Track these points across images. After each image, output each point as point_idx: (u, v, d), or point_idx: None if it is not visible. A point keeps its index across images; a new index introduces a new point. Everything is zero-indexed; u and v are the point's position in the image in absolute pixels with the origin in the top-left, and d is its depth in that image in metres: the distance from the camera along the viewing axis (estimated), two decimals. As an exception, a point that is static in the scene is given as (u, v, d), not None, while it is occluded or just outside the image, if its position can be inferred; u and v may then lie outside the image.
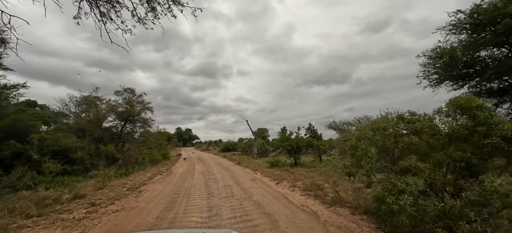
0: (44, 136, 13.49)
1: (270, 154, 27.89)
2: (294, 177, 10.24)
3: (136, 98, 25.58)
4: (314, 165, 16.84)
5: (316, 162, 19.12)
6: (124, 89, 24.80)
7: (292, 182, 8.83)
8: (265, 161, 20.68)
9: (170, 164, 18.37)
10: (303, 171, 12.87)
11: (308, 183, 8.29)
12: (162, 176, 11.72)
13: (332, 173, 11.50)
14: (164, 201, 6.35)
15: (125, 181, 10.16)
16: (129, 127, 25.55)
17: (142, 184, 9.15)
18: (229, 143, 46.94)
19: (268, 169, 13.69)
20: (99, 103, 23.08)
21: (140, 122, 25.79)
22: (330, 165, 16.27)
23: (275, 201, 5.97)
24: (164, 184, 9.38)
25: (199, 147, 70.10)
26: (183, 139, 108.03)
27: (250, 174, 11.51)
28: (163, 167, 15.99)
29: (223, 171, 13.29)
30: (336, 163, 18.16)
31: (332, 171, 12.58)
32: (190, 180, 10.05)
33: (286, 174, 11.43)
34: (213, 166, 16.09)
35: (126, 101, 23.75)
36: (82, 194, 7.13)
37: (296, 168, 14.26)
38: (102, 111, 23.60)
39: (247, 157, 26.52)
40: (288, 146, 16.16)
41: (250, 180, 9.70)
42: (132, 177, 11.15)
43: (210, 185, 8.73)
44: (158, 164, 17.60)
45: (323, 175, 11.46)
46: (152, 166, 16.32)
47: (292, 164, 16.49)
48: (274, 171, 12.72)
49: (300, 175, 11.05)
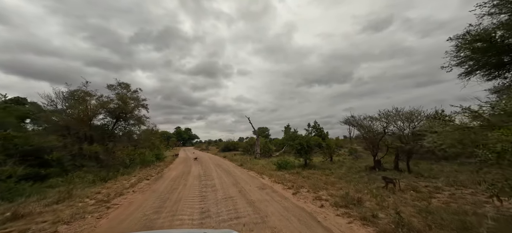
0: (11, 134, 11.39)
1: (273, 154, 25.81)
2: (312, 183, 8.15)
3: (131, 94, 23.56)
4: (326, 166, 14.77)
5: (327, 163, 17.05)
6: (118, 84, 22.78)
7: (313, 192, 6.74)
8: (270, 162, 18.61)
9: (163, 165, 16.28)
10: (318, 174, 10.80)
11: (337, 194, 6.21)
12: (149, 182, 9.64)
13: (355, 177, 9.42)
14: (137, 225, 4.29)
15: (100, 189, 8.09)
16: (122, 125, 23.65)
17: (118, 195, 7.06)
18: (230, 142, 44.86)
19: (276, 172, 11.61)
20: (88, 98, 21.10)
21: (134, 120, 23.85)
22: (344, 166, 14.20)
23: (305, 230, 3.88)
24: (147, 194, 7.29)
25: (198, 147, 68.05)
26: (183, 139, 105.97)
27: (256, 179, 9.43)
28: (155, 170, 13.91)
29: (224, 175, 11.20)
30: (351, 164, 16.09)
31: (351, 174, 10.52)
32: (181, 189, 7.96)
33: (299, 179, 9.35)
34: (212, 169, 14.01)
35: (118, 97, 21.72)
36: (25, 212, 5.06)
37: (308, 171, 12.18)
38: (91, 107, 21.66)
39: (249, 157, 24.44)
40: (297, 145, 14.08)
41: (257, 188, 7.61)
42: (111, 184, 9.07)
43: (206, 197, 6.65)
44: (151, 166, 15.52)
45: (343, 179, 9.40)
46: (142, 168, 14.25)
47: (301, 165, 14.43)
48: (283, 175, 10.65)
49: (318, 180, 8.97)
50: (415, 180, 8.58)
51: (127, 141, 20.67)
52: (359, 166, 14.03)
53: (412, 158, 10.22)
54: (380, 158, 11.50)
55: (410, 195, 6.44)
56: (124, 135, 22.29)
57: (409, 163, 10.17)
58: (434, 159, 13.25)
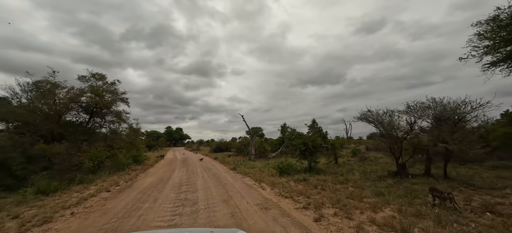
0: None
1: (269, 155, 23.54)
2: (332, 197, 5.89)
3: (108, 87, 20.70)
4: (334, 170, 12.60)
5: (332, 165, 14.91)
6: (92, 75, 19.90)
7: (345, 215, 4.46)
8: (267, 164, 16.29)
9: (141, 170, 13.65)
10: (330, 181, 8.54)
11: (384, 222, 3.95)
12: (110, 194, 7.11)
13: (380, 187, 7.15)
14: None
15: (29, 207, 5.53)
16: (97, 122, 20.77)
17: (42, 221, 4.55)
18: (222, 142, 42.24)
19: (278, 179, 9.31)
20: (57, 91, 18.16)
21: (112, 116, 21.01)
22: (356, 171, 12.05)
23: None
24: (91, 219, 4.78)
25: (189, 147, 64.96)
26: (174, 139, 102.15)
27: (255, 191, 7.08)
28: (128, 175, 11.30)
29: (212, 183, 8.78)
30: (361, 167, 13.99)
31: (372, 182, 8.33)
32: (146, 209, 5.49)
33: (311, 189, 7.08)
34: (198, 174, 11.55)
35: (91, 89, 18.85)
36: None
37: (316, 177, 9.96)
38: (59, 101, 18.73)
39: (243, 158, 22.05)
40: (301, 146, 11.82)
41: (258, 207, 5.26)
42: (53, 198, 6.48)
43: (180, 225, 4.25)
44: (125, 170, 12.88)
45: (368, 189, 7.22)
46: (113, 173, 11.61)
47: (305, 169, 12.20)
48: (288, 182, 8.34)
49: (335, 191, 6.73)
50: (467, 191, 6.45)
51: (103, 140, 17.89)
52: (373, 170, 11.93)
53: (450, 161, 8.13)
54: (405, 161, 9.39)
55: (488, 219, 4.27)
56: (101, 134, 19.47)
57: (447, 168, 8.07)
58: (458, 161, 11.32)
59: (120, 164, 13.08)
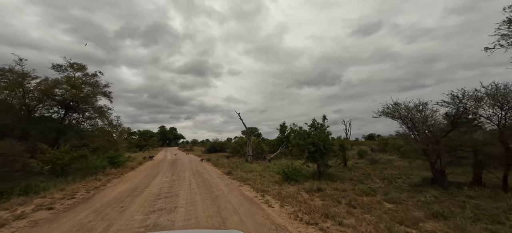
0: None
1: (268, 157, 21.54)
2: (377, 221, 3.93)
3: (88, 79, 18.34)
4: (346, 174, 10.71)
5: (342, 169, 13.00)
6: (70, 64, 17.50)
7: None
8: (267, 167, 14.27)
9: (118, 173, 11.40)
10: (350, 191, 6.61)
11: None
12: (51, 214, 4.96)
13: (423, 201, 5.18)
14: None
15: None
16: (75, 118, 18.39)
17: None
18: (217, 142, 40.02)
19: (285, 187, 7.31)
20: (26, 82, 15.79)
21: (93, 112, 18.66)
22: (374, 176, 10.17)
23: None
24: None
25: (182, 147, 62.44)
26: (168, 139, 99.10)
27: (259, 209, 5.05)
28: (99, 181, 9.11)
29: (200, 194, 6.70)
30: (375, 170, 12.13)
31: (404, 192, 6.43)
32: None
33: (335, 205, 5.11)
34: (185, 179, 9.44)
35: (66, 80, 16.49)
36: None
37: (329, 184, 8.03)
38: (28, 94, 16.35)
39: (239, 160, 19.99)
40: (310, 146, 9.85)
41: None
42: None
43: None
44: (97, 174, 10.64)
45: (397, 201, 5.32)
46: (82, 178, 9.40)
47: (313, 173, 10.27)
48: (300, 193, 6.35)
49: (372, 209, 4.77)
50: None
51: (77, 138, 15.55)
52: (394, 176, 10.05)
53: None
54: (444, 166, 7.49)
55: None
56: (78, 131, 17.09)
57: (507, 176, 6.18)
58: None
59: (91, 167, 10.85)
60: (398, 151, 22.90)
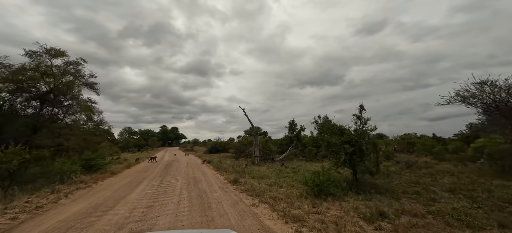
0: None
1: (276, 158, 18.82)
2: None
3: (66, 67, 15.77)
4: (387, 183, 8.04)
5: (377, 175, 10.24)
6: (46, 50, 14.90)
7: None
8: (280, 171, 11.57)
9: (92, 180, 8.77)
10: (423, 210, 3.94)
11: None
12: None
13: None
14: None
15: None
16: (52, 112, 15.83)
17: None
18: (218, 142, 37.38)
19: (320, 207, 4.61)
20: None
21: (76, 105, 16.13)
22: (440, 189, 7.45)
23: None
24: None
25: (184, 147, 59.95)
26: (169, 138, 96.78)
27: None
28: (55, 195, 6.50)
29: (190, 223, 4.02)
30: (419, 178, 9.39)
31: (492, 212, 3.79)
32: None
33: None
34: (175, 192, 6.78)
35: (36, 67, 13.92)
36: None
37: (379, 199, 5.34)
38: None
39: (245, 161, 17.31)
40: (347, 146, 7.12)
41: None
42: None
43: None
44: (66, 181, 8.05)
45: None
46: (39, 188, 6.83)
47: (348, 181, 7.58)
48: (361, 225, 3.66)
49: None
50: None
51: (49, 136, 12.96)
52: (460, 186, 7.32)
53: None
54: None
55: None
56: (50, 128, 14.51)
57: None
58: None
59: (55, 173, 8.25)
60: (430, 152, 20.06)
